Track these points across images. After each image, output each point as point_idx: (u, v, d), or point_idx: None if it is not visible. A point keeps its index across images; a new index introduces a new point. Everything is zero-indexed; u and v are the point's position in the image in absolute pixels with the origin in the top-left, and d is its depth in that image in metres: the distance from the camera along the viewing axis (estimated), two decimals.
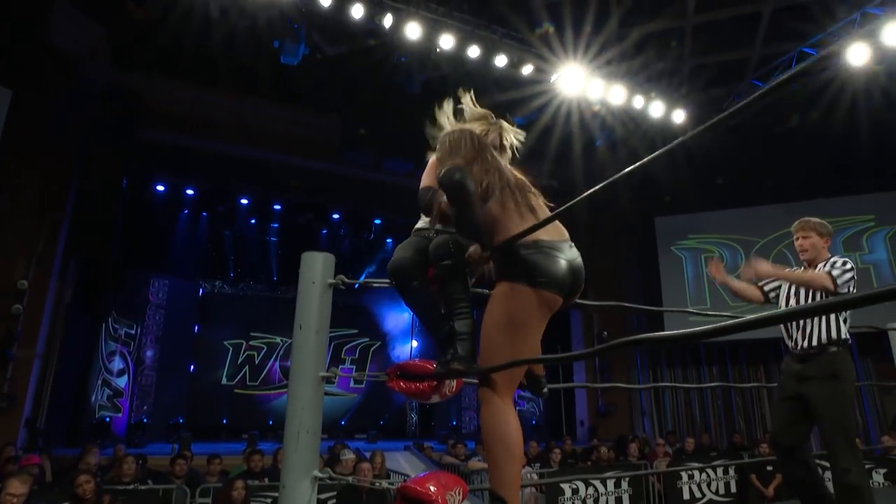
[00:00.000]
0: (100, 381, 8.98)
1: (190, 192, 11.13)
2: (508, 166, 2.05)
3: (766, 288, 3.16)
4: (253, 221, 12.68)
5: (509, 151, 2.21)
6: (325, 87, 8.77)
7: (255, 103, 9.72)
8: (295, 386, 2.09)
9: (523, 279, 1.74)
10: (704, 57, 8.24)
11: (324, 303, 2.23)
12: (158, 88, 8.72)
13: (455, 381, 2.06)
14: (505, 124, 2.20)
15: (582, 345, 11.95)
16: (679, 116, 8.32)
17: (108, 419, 8.98)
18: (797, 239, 3.05)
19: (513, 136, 2.18)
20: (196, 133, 9.51)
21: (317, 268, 2.28)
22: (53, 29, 6.83)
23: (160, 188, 10.68)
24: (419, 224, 2.45)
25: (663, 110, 8.18)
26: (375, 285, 2.32)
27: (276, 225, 12.96)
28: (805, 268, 3.06)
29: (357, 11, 6.29)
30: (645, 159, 1.34)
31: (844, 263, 2.88)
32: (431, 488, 1.73)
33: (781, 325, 2.99)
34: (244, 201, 12.02)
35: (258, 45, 7.30)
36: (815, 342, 2.83)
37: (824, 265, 2.92)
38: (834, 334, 2.80)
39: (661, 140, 8.83)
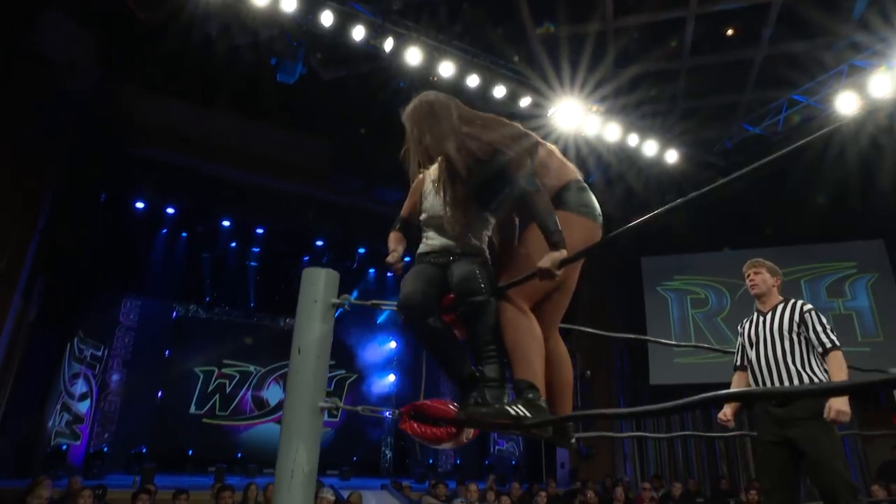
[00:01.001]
0: (59, 406, 8.44)
1: (170, 210, 10.80)
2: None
3: (741, 364, 3.08)
4: (233, 245, 12.35)
5: None
6: (319, 109, 8.65)
7: (245, 123, 9.52)
8: (290, 417, 1.85)
9: (574, 210, 1.84)
10: (697, 99, 8.35)
11: (326, 324, 2.02)
12: (147, 103, 8.49)
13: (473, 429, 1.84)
14: None
15: None
16: (672, 156, 8.37)
17: (64, 447, 8.40)
18: (748, 276, 3.11)
19: None
20: (181, 150, 9.24)
21: (319, 285, 2.07)
22: (40, 34, 6.61)
23: (140, 205, 10.34)
24: (424, 248, 2.24)
25: (657, 149, 8.23)
26: (384, 307, 2.11)
27: (257, 249, 12.65)
28: (757, 305, 3.02)
29: (358, 33, 6.22)
30: (676, 202, 1.44)
31: (819, 317, 2.82)
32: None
33: (751, 376, 2.91)
34: (226, 223, 11.71)
35: (254, 63, 7.17)
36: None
37: (790, 311, 2.86)
38: (815, 380, 2.71)
39: (654, 179, 8.87)
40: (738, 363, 3.09)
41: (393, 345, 14.60)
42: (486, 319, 1.76)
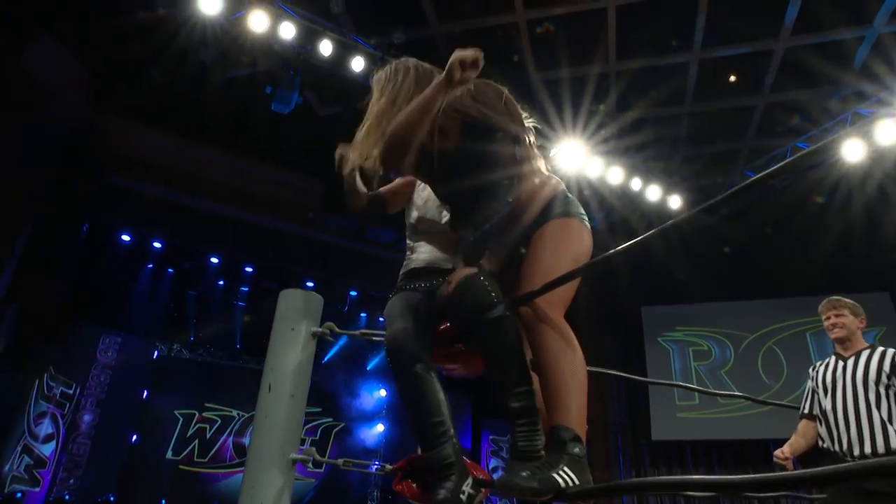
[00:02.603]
0: (20, 448, 7.86)
1: (157, 245, 10.47)
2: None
3: (809, 411, 2.75)
4: (221, 283, 11.97)
5: None
6: (313, 146, 8.50)
7: (236, 158, 9.38)
8: (255, 469, 1.49)
9: (574, 216, 1.68)
10: (700, 145, 8.26)
11: (305, 358, 1.68)
12: (137, 133, 8.33)
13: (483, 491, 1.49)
14: None
15: None
16: (675, 202, 8.21)
17: (19, 494, 7.77)
18: (828, 318, 2.78)
19: None
20: (171, 183, 9.04)
21: (297, 310, 1.75)
22: (29, 58, 6.45)
23: (125, 238, 10.02)
24: (408, 265, 1.93)
25: (660, 194, 8.07)
26: (375, 338, 1.79)
27: (246, 289, 12.26)
28: (837, 349, 2.71)
29: (357, 64, 6.09)
30: (637, 238, 1.39)
31: None
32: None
33: (823, 428, 2.55)
34: (214, 260, 11.37)
35: (248, 96, 7.04)
36: (880, 449, 2.34)
37: (879, 359, 2.53)
38: None
39: (658, 224, 8.69)
40: (807, 410, 2.70)
41: (383, 393, 14.05)
42: (510, 340, 1.44)
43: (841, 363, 2.60)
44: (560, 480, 1.22)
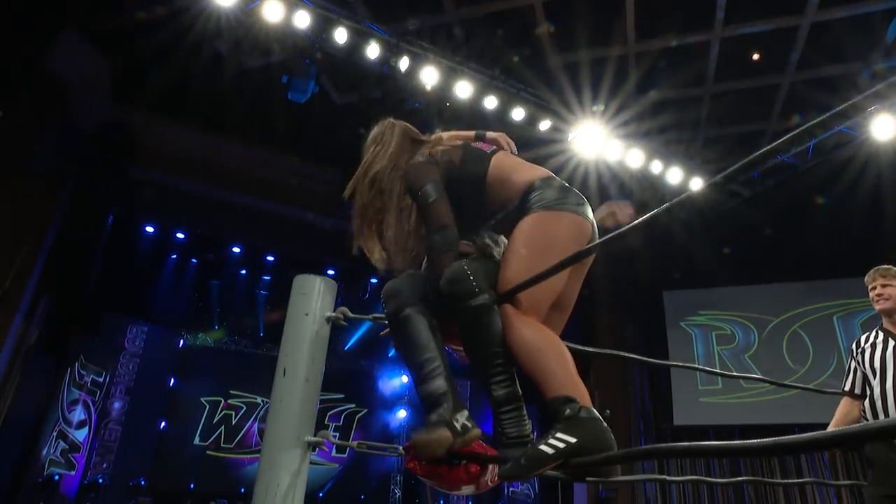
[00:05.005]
0: (55, 433, 8.13)
1: (180, 236, 10.66)
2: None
3: (851, 389, 2.65)
4: (243, 272, 12.15)
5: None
6: (331, 135, 8.53)
7: (255, 148, 9.47)
8: (270, 452, 1.52)
9: (544, 208, 1.54)
10: (722, 126, 8.09)
11: (319, 342, 1.70)
12: (158, 126, 8.45)
13: (490, 469, 1.49)
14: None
15: None
16: (697, 185, 8.07)
17: (57, 477, 8.05)
18: (874, 288, 2.60)
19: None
20: (192, 175, 9.18)
21: (312, 295, 1.77)
22: (53, 55, 6.56)
23: (149, 230, 10.21)
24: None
25: (681, 177, 7.93)
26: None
27: (268, 278, 12.43)
28: (885, 324, 2.59)
29: (373, 51, 6.08)
30: (647, 215, 1.24)
31: None
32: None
33: (867, 404, 2.46)
34: (236, 250, 11.54)
35: (265, 86, 7.08)
36: None
37: None
38: None
39: (678, 207, 8.56)
40: (848, 388, 2.56)
41: (405, 379, 14.17)
42: (490, 328, 1.42)
43: (893, 343, 2.44)
44: (548, 450, 1.21)
